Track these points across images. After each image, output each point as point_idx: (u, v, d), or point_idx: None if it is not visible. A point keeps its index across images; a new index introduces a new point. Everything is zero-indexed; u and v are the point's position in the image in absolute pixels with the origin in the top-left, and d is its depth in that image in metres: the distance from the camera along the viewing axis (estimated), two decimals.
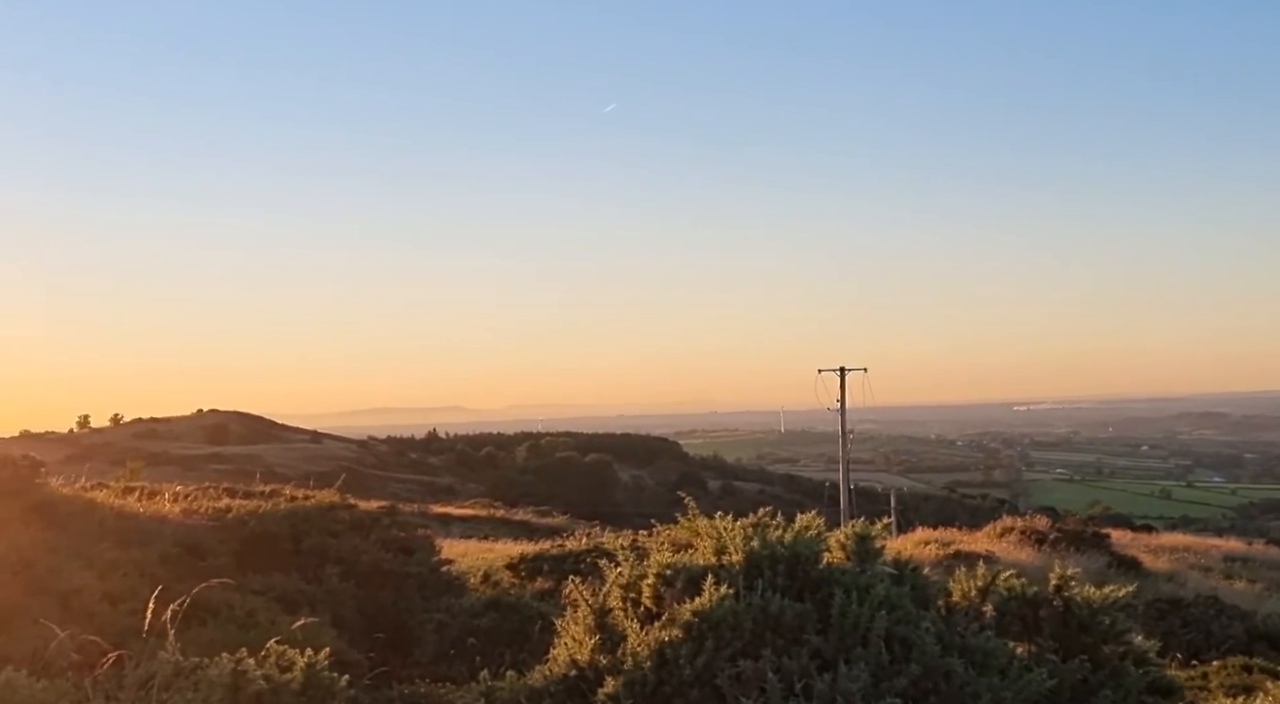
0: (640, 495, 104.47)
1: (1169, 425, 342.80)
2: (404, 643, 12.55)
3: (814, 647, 6.27)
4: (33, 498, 12.01)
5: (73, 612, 8.21)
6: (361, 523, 15.97)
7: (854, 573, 6.85)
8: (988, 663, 6.47)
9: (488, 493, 79.04)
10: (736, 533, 7.05)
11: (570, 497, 78.55)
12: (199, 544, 13.27)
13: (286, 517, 15.16)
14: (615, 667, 6.29)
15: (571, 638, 6.70)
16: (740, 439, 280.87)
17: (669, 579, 6.68)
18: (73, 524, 12.07)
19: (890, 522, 8.80)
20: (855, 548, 7.20)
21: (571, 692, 6.33)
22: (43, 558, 9.89)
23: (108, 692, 5.00)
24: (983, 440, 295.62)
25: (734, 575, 6.64)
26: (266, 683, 5.14)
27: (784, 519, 7.48)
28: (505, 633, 13.33)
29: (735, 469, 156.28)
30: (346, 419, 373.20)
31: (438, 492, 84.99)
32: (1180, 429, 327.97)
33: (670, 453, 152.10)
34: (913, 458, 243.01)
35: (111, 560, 11.24)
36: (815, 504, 36.04)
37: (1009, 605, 7.54)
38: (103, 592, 9.82)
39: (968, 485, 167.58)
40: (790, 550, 6.83)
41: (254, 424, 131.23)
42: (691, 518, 9.53)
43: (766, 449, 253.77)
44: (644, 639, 6.31)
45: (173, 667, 5.07)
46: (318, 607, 11.42)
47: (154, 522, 14.17)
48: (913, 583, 7.14)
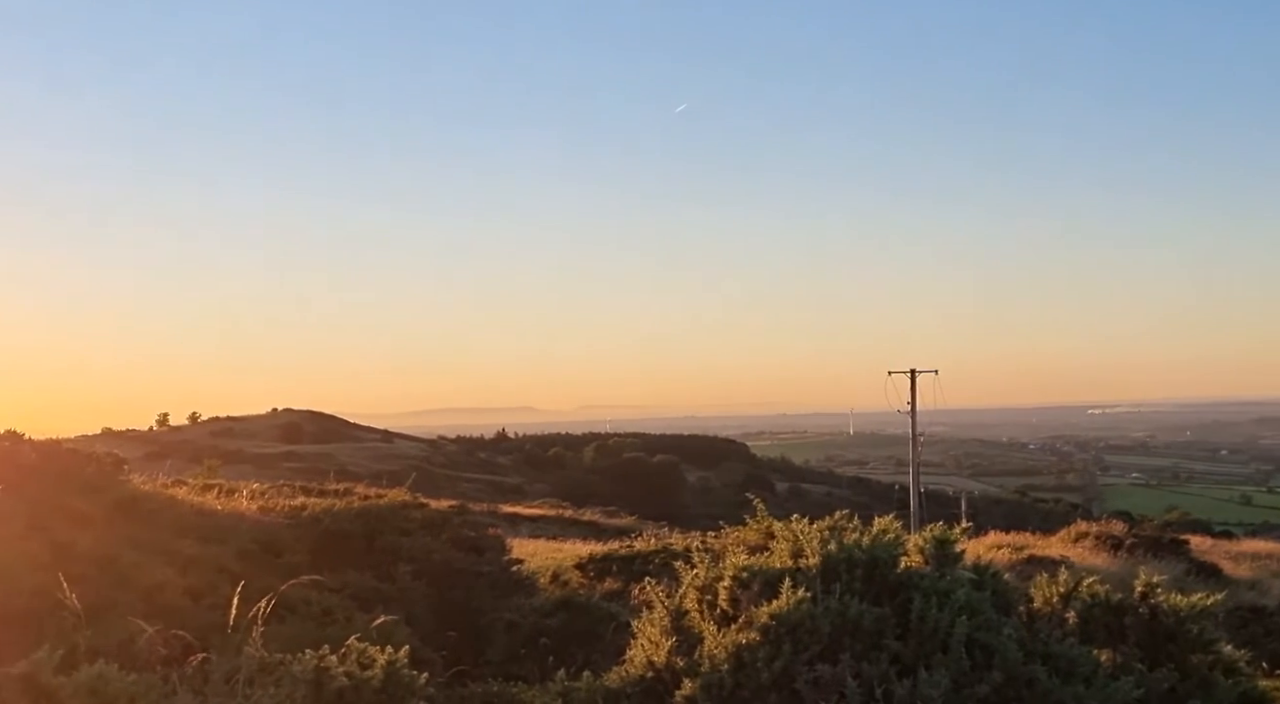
0: (707, 497, 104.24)
1: (1250, 430, 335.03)
2: (475, 642, 12.61)
3: (893, 652, 6.19)
4: (117, 494, 12.25)
5: (156, 606, 8.34)
6: (433, 522, 16.11)
7: (933, 578, 6.75)
8: (1072, 671, 6.35)
9: (555, 493, 79.33)
10: (813, 536, 6.98)
11: (637, 497, 78.56)
12: (275, 541, 13.46)
13: (360, 515, 15.33)
14: (692, 669, 6.26)
15: (648, 639, 6.68)
16: (808, 441, 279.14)
17: (745, 582, 6.63)
18: (155, 520, 12.30)
19: (969, 526, 8.66)
20: (934, 552, 7.10)
21: (648, 693, 6.31)
22: (126, 553, 10.08)
23: (194, 686, 5.08)
24: (1055, 444, 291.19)
25: (811, 579, 6.58)
26: (348, 680, 5.18)
27: (861, 522, 7.40)
28: (576, 633, 13.34)
29: (803, 471, 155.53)
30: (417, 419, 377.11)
31: (506, 491, 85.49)
32: (1262, 433, 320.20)
33: (737, 454, 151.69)
34: (984, 461, 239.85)
35: (192, 556, 11.43)
36: (884, 507, 35.70)
37: (1093, 612, 7.39)
38: (184, 587, 9.99)
39: (1040, 489, 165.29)
40: (868, 554, 6.75)
41: (327, 423, 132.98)
42: (760, 520, 9.46)
43: (835, 451, 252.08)
44: (721, 642, 6.28)
45: (258, 662, 5.14)
46: (391, 604, 11.51)
47: (232, 519, 14.39)
48: (993, 588, 7.02)
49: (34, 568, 8.14)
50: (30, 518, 9.30)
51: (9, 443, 11.71)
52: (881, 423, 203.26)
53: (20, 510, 9.33)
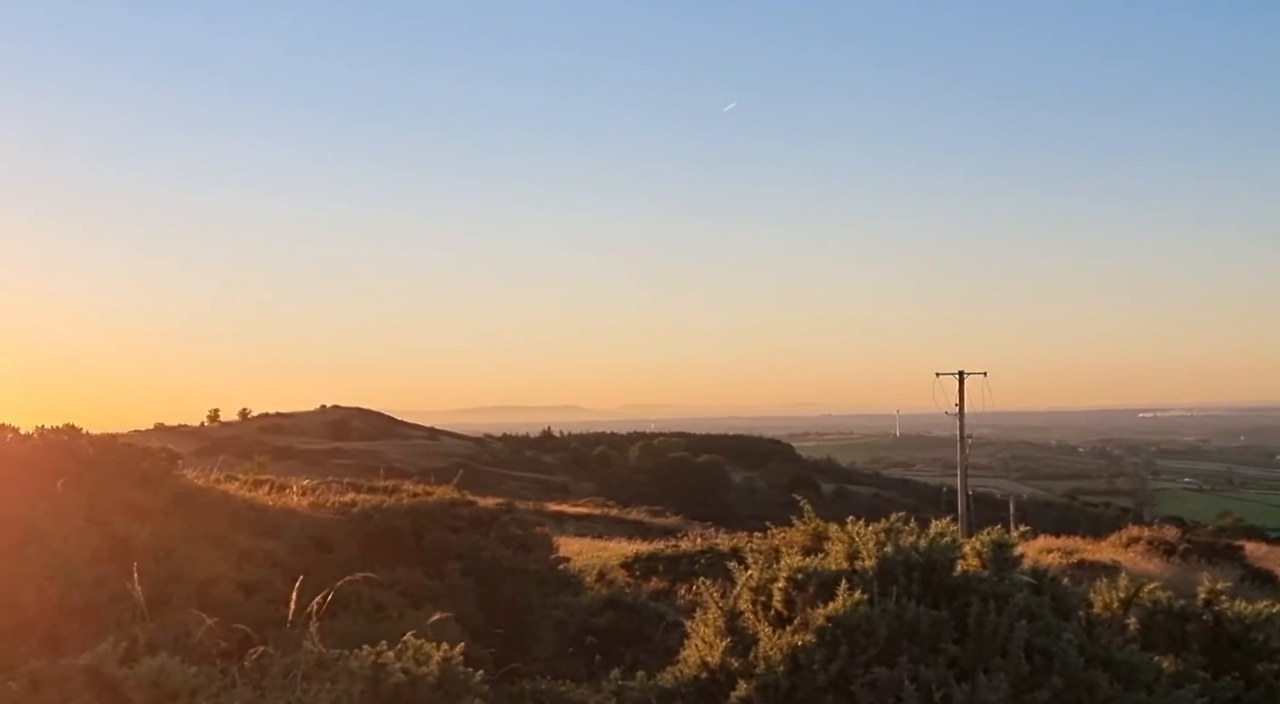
0: (752, 497, 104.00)
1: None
2: (523, 639, 12.62)
3: (951, 655, 6.11)
4: (172, 489, 12.38)
5: (211, 600, 8.42)
6: (481, 520, 16.16)
7: (991, 581, 6.67)
8: (1134, 678, 6.24)
9: (601, 492, 79.50)
10: (869, 538, 6.92)
11: (682, 497, 78.56)
12: (326, 537, 13.55)
13: (409, 512, 15.40)
14: (747, 670, 6.22)
15: (701, 639, 6.64)
16: (854, 442, 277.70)
17: (801, 583, 6.58)
18: (208, 515, 12.41)
19: (1027, 529, 8.55)
20: (992, 556, 7.01)
21: (703, 694, 6.28)
22: (182, 547, 10.18)
23: (253, 680, 5.11)
24: (1106, 447, 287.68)
25: (867, 581, 6.51)
26: (405, 676, 5.19)
27: (917, 524, 7.32)
28: (623, 632, 13.33)
29: (849, 472, 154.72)
30: (463, 416, 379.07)
31: (552, 490, 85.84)
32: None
33: (783, 455, 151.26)
34: (1032, 464, 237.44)
35: (245, 551, 11.53)
36: (931, 509, 35.41)
37: (1154, 619, 7.27)
38: (238, 581, 10.08)
39: (1090, 493, 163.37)
40: (925, 557, 6.67)
41: (375, 420, 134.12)
42: (807, 521, 9.39)
43: (881, 453, 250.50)
44: (776, 643, 6.23)
45: (315, 657, 5.16)
46: (440, 602, 11.54)
47: (283, 514, 14.51)
48: (1053, 593, 6.92)
49: (93, 561, 8.23)
50: (90, 511, 9.40)
51: (67, 437, 11.85)
52: (928, 424, 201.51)
53: (80, 504, 9.44)
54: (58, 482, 9.84)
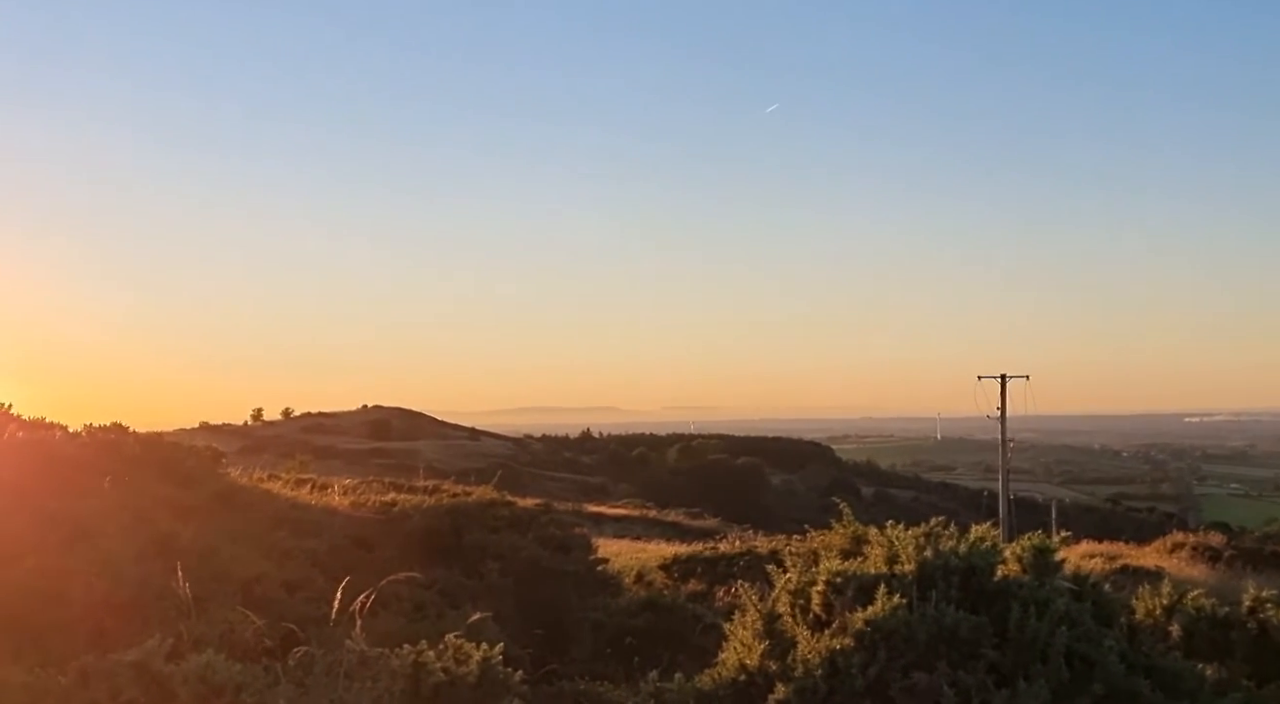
0: (791, 500, 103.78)
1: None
2: (561, 640, 12.66)
3: (990, 661, 6.10)
4: (215, 487, 12.53)
5: (254, 598, 8.51)
6: (520, 520, 16.23)
7: (1032, 586, 6.65)
8: (1176, 685, 6.20)
9: (639, 493, 79.46)
10: (908, 542, 6.91)
11: (721, 499, 78.38)
12: (366, 537, 13.66)
13: (448, 512, 15.50)
14: (785, 673, 6.23)
15: (740, 642, 6.66)
16: (895, 445, 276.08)
17: (839, 587, 6.58)
18: (251, 514, 12.56)
19: (1068, 534, 8.51)
20: (1032, 561, 6.98)
21: (741, 696, 6.29)
22: (226, 546, 10.30)
23: (296, 678, 5.18)
24: (1150, 452, 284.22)
25: (906, 585, 6.51)
26: (445, 675, 5.25)
27: (957, 529, 7.30)
28: (661, 634, 13.34)
29: (889, 476, 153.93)
30: (503, 417, 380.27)
31: (590, 491, 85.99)
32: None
33: (822, 458, 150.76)
34: (1074, 469, 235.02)
35: (287, 550, 11.66)
36: (971, 513, 35.18)
37: (1198, 626, 7.22)
38: (281, 580, 10.19)
39: (1133, 498, 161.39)
40: (965, 561, 6.66)
41: (415, 420, 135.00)
42: (846, 524, 9.38)
43: (922, 456, 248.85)
44: (815, 646, 6.24)
45: (357, 656, 5.22)
46: (479, 602, 11.60)
47: (325, 513, 14.64)
48: (1094, 599, 6.89)
49: (140, 558, 8.36)
50: (136, 509, 9.55)
51: (115, 435, 12.04)
52: (970, 428, 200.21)
53: (127, 502, 9.59)
54: (105, 480, 10.01)
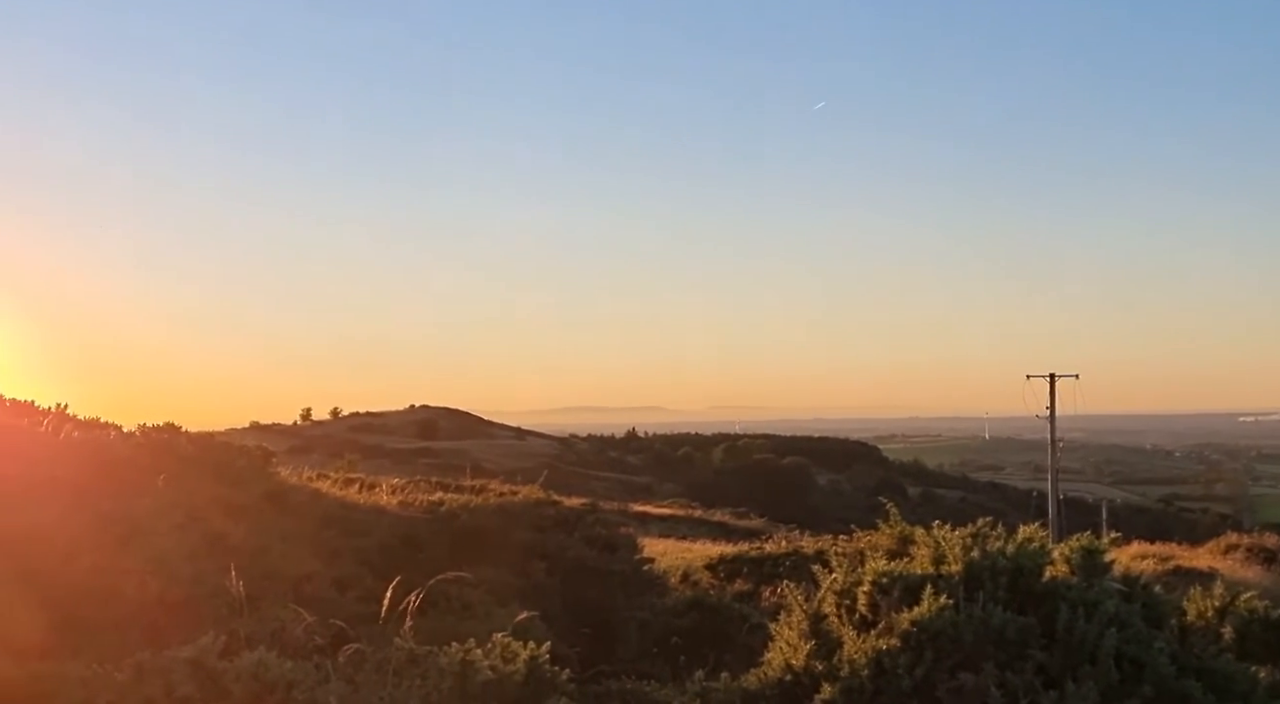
0: (838, 500, 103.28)
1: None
2: (607, 639, 12.70)
3: (1039, 662, 6.07)
4: (266, 486, 12.68)
5: (304, 596, 8.61)
6: (566, 519, 16.30)
7: (1080, 588, 6.60)
8: (1228, 688, 6.14)
9: (685, 493, 79.45)
10: (955, 542, 6.89)
11: (766, 499, 78.17)
12: (414, 536, 13.78)
13: (495, 511, 15.60)
14: (831, 673, 6.23)
15: (785, 642, 6.67)
16: (942, 445, 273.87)
17: (885, 587, 6.57)
18: (301, 513, 12.70)
19: (1118, 535, 8.43)
20: (1081, 562, 6.93)
21: (786, 696, 6.30)
22: (276, 545, 10.44)
23: (346, 675, 5.26)
24: (1203, 452, 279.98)
25: (953, 586, 6.49)
26: (492, 673, 5.30)
27: (1005, 529, 7.26)
28: (707, 634, 13.35)
29: (936, 476, 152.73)
30: (549, 416, 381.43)
31: (636, 490, 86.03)
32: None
33: (869, 458, 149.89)
34: (1125, 469, 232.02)
35: (336, 549, 11.79)
36: (1020, 514, 34.87)
37: (1250, 628, 7.14)
38: (331, 578, 10.31)
39: (1186, 499, 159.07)
40: (1012, 562, 6.63)
41: (462, 420, 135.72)
42: (893, 524, 9.34)
43: (970, 456, 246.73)
44: (861, 647, 6.23)
45: (407, 654, 5.29)
46: (525, 601, 11.68)
47: (373, 513, 14.78)
48: (1144, 600, 6.83)
49: (192, 557, 8.50)
50: (189, 508, 9.69)
51: (168, 435, 12.21)
52: (1018, 428, 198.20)
53: (180, 501, 9.73)
54: (158, 479, 10.17)
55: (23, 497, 8.35)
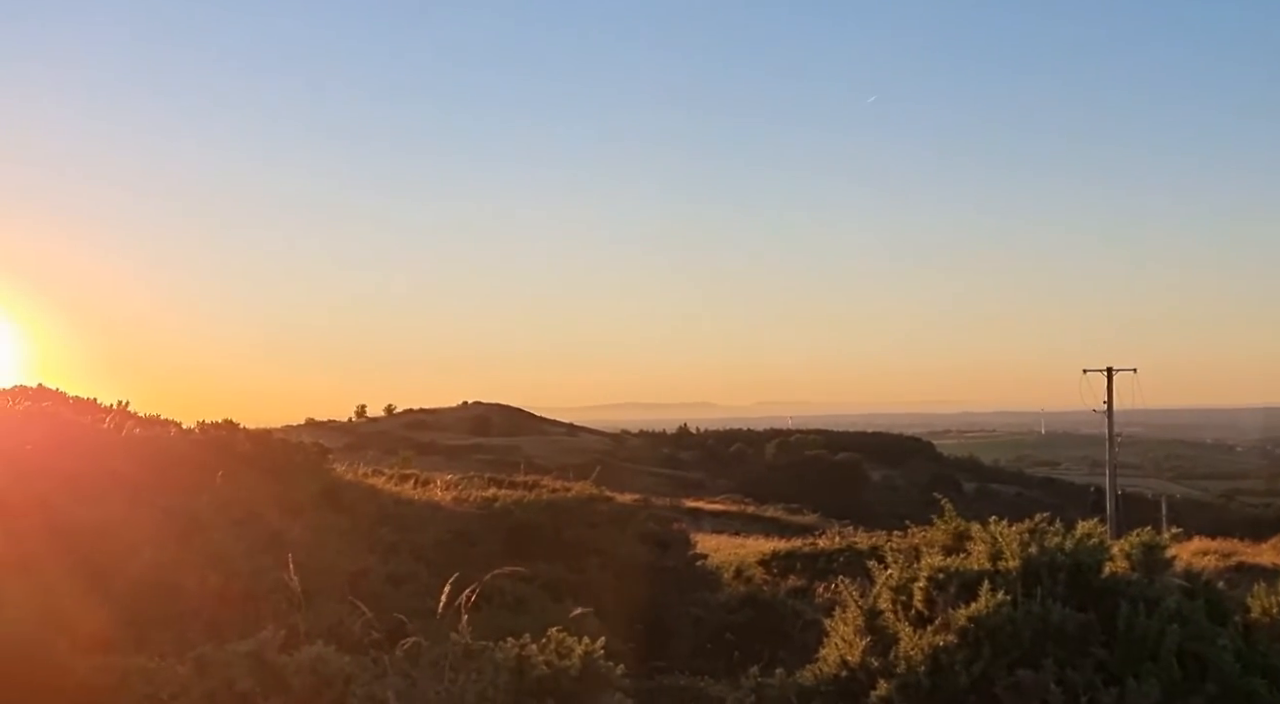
0: (891, 496, 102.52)
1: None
2: (661, 635, 12.70)
3: (1099, 659, 5.99)
4: (322, 483, 12.84)
5: (359, 592, 8.69)
6: (619, 516, 16.33)
7: (1141, 584, 6.51)
8: None
9: (737, 489, 79.24)
10: (1013, 538, 6.81)
11: (819, 495, 77.66)
12: (468, 531, 13.87)
13: (548, 507, 15.65)
14: (887, 669, 6.19)
15: (841, 638, 6.64)
16: (997, 440, 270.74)
17: (942, 583, 6.52)
18: (357, 508, 12.84)
19: (1179, 530, 8.30)
20: (1142, 557, 6.83)
21: (843, 692, 6.27)
22: (332, 540, 10.57)
23: (402, 669, 5.30)
24: (1266, 446, 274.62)
25: (1010, 582, 6.43)
26: (548, 668, 5.33)
27: (1063, 525, 7.18)
28: (761, 630, 13.32)
29: (991, 471, 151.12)
30: (599, 413, 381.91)
31: (688, 486, 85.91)
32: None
33: (923, 453, 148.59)
34: (1185, 463, 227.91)
35: (391, 544, 11.90)
36: (1077, 509, 34.38)
37: None
38: (386, 573, 10.42)
39: (1248, 494, 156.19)
40: (1071, 558, 6.55)
41: (514, 416, 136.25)
42: (947, 520, 9.25)
43: (1025, 451, 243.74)
44: (917, 643, 6.19)
45: (463, 648, 5.32)
46: (579, 596, 11.71)
47: (428, 508, 14.90)
48: (1207, 597, 6.71)
49: (251, 552, 8.61)
50: (247, 505, 9.82)
51: (226, 432, 12.39)
52: (1075, 422, 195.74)
53: (238, 497, 9.87)
54: (217, 475, 10.33)
55: (86, 492, 8.51)
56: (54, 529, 7.75)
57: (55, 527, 7.78)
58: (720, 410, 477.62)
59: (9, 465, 8.49)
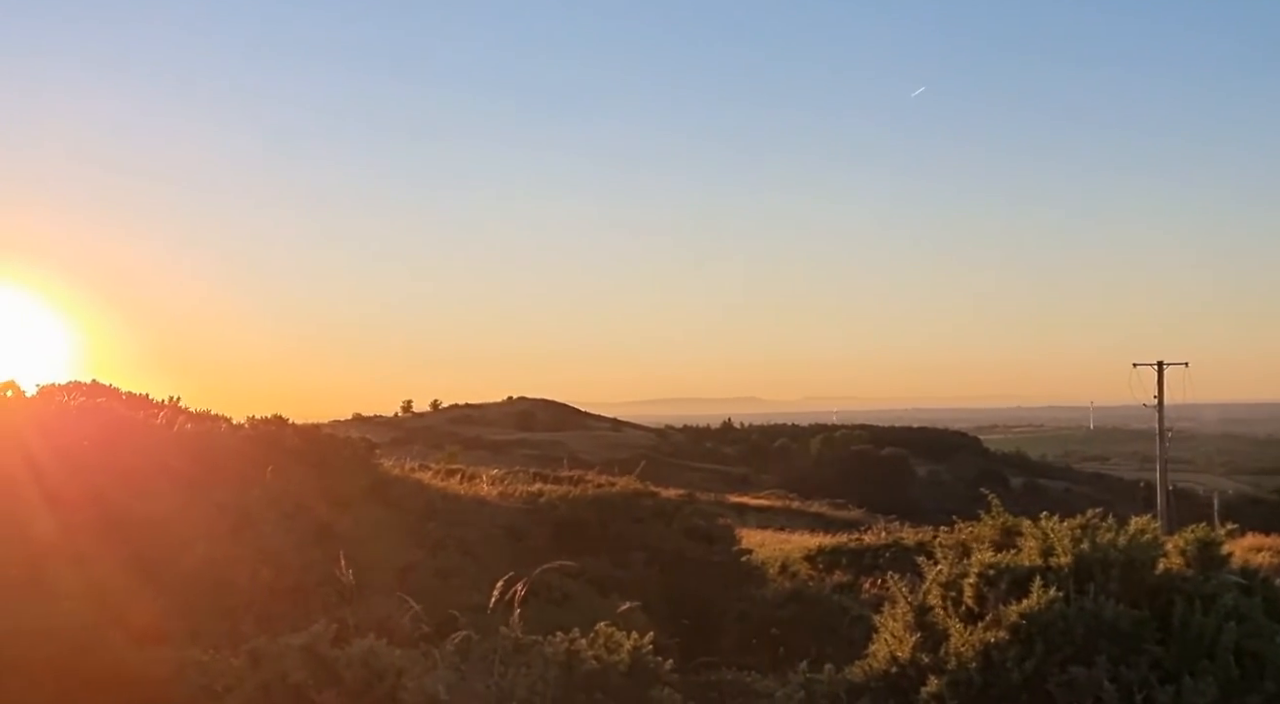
0: (937, 491, 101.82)
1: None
2: (707, 630, 12.69)
3: (1154, 657, 5.91)
4: (370, 478, 12.94)
5: (408, 586, 8.76)
6: (664, 510, 16.33)
7: (1196, 580, 6.41)
8: None
9: (782, 484, 79.03)
10: (1064, 534, 6.73)
11: (865, 490, 77.33)
12: (515, 526, 13.94)
13: (594, 502, 15.69)
14: (938, 666, 6.14)
15: (890, 634, 6.59)
16: (1045, 435, 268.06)
17: (992, 579, 6.45)
18: (404, 503, 12.94)
19: (1233, 526, 8.16)
20: (1197, 554, 6.73)
21: (893, 689, 6.23)
22: (380, 534, 10.65)
23: (453, 663, 5.34)
24: None
25: (1062, 578, 6.35)
26: (597, 663, 5.34)
27: (1115, 521, 7.08)
28: (808, 625, 13.28)
29: (1039, 466, 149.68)
30: (644, 407, 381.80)
31: (733, 481, 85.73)
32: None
33: (969, 448, 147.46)
34: (1239, 458, 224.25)
35: (439, 538, 11.99)
36: (1127, 505, 34.04)
37: None
38: (434, 568, 10.49)
39: None
40: (1124, 554, 6.46)
41: (559, 411, 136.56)
42: (995, 516, 9.16)
43: (1073, 446, 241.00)
44: (968, 639, 6.13)
45: (513, 643, 5.35)
46: (625, 591, 11.73)
47: (474, 503, 14.99)
48: (1264, 594, 6.59)
49: (301, 546, 8.70)
50: (297, 499, 9.92)
51: (275, 427, 12.52)
52: (1125, 417, 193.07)
53: (288, 492, 9.97)
54: (267, 470, 10.44)
55: (140, 487, 8.63)
56: (109, 523, 7.87)
57: (110, 520, 7.90)
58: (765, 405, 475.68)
59: (65, 460, 8.62)
